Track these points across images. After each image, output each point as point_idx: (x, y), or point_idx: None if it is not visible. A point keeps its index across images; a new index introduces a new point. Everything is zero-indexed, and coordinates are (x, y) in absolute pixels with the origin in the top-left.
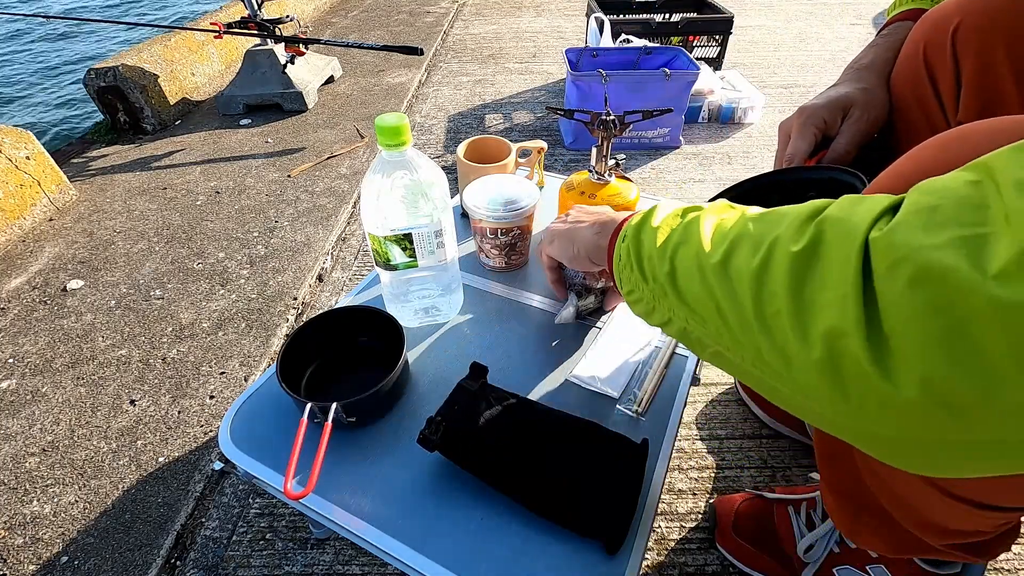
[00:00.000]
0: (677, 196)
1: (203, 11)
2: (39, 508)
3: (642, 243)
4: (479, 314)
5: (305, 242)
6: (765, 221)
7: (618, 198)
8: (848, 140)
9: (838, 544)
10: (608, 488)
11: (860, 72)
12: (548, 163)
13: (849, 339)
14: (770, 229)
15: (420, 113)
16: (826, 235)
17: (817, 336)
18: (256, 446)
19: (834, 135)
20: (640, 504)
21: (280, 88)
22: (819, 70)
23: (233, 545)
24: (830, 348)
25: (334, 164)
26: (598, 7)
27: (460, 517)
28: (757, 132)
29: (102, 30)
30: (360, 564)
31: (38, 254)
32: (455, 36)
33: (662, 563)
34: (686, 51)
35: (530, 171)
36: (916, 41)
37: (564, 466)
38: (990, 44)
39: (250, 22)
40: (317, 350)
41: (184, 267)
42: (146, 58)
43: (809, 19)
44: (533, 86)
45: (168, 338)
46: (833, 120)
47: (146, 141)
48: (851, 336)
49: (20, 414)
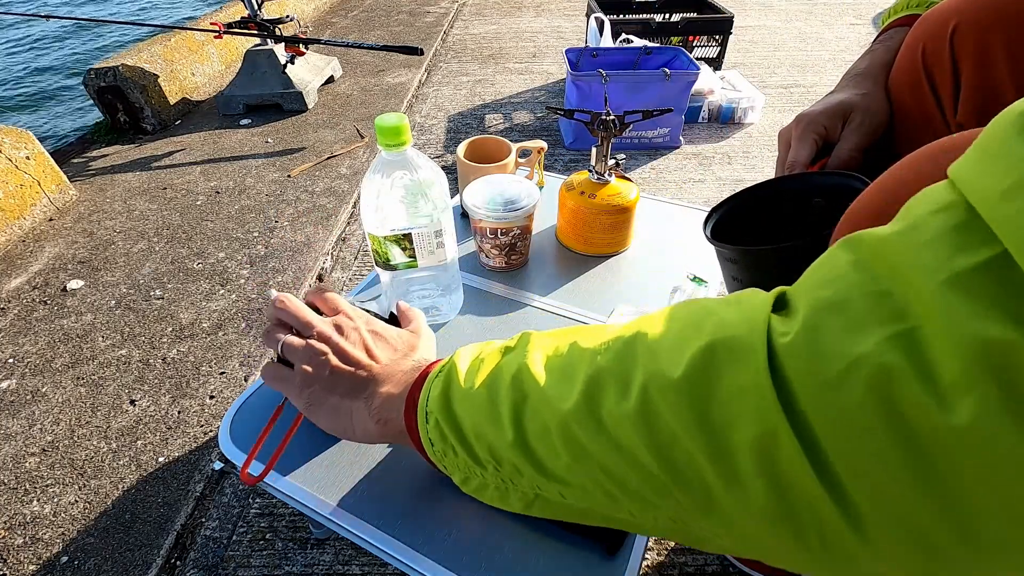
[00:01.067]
0: (677, 196)
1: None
2: (39, 508)
3: (458, 417)
4: (479, 314)
5: (305, 242)
6: (611, 349)
7: (618, 198)
8: (852, 145)
9: None
10: None
11: (858, 78)
12: (548, 163)
13: (782, 451)
14: (624, 357)
15: (420, 113)
16: (713, 349)
17: (748, 466)
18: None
19: (835, 142)
20: None
21: (280, 88)
22: (819, 70)
23: (233, 545)
24: (770, 477)
25: (334, 164)
26: (598, 7)
27: (460, 517)
28: (757, 132)
29: (102, 30)
30: (360, 564)
31: (38, 254)
32: (455, 36)
33: (662, 563)
34: (686, 51)
35: (530, 171)
36: (914, 42)
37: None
38: (988, 44)
39: (250, 22)
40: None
41: (184, 267)
42: (146, 58)
43: (809, 19)
44: (533, 86)
45: (168, 338)
46: (833, 127)
47: (146, 141)
48: (784, 448)
49: (20, 414)
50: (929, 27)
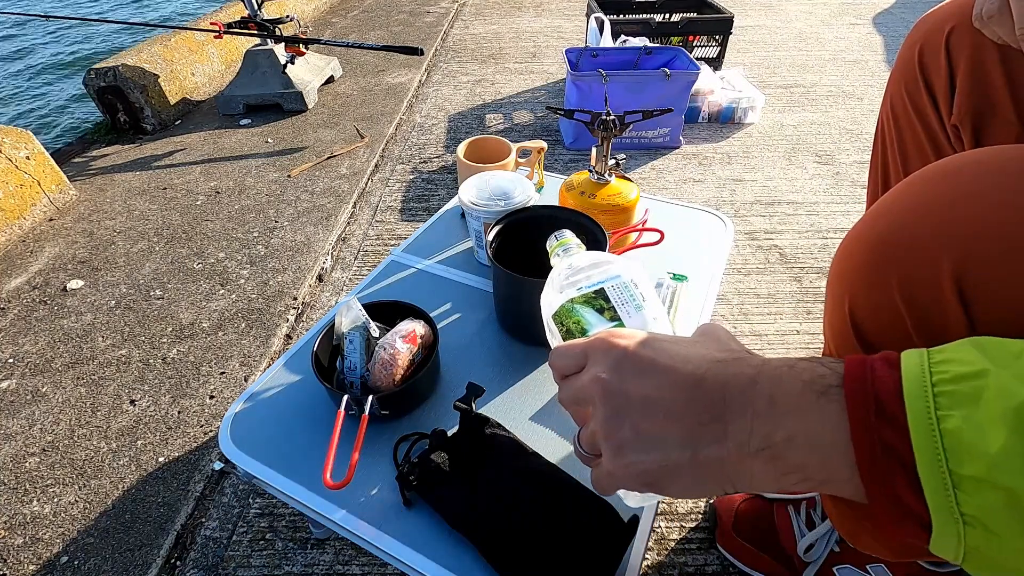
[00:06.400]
0: (677, 196)
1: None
2: (39, 508)
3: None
4: (479, 314)
5: (305, 242)
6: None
7: (618, 198)
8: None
9: (838, 543)
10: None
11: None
12: (548, 163)
13: None
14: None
15: (420, 113)
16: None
17: None
18: (256, 446)
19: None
20: (639, 508)
21: (280, 88)
22: (819, 70)
23: (233, 545)
24: None
25: (334, 164)
26: (598, 7)
27: None
28: (757, 132)
29: (102, 30)
30: (360, 564)
31: (38, 254)
32: (455, 36)
33: (662, 563)
34: (686, 51)
35: (530, 171)
36: (912, 43)
37: (535, 541)
38: (983, 47)
39: (250, 22)
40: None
41: (184, 267)
42: (146, 58)
43: (809, 19)
44: (533, 86)
45: (168, 338)
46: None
47: (146, 141)
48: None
49: (20, 414)
50: (927, 29)
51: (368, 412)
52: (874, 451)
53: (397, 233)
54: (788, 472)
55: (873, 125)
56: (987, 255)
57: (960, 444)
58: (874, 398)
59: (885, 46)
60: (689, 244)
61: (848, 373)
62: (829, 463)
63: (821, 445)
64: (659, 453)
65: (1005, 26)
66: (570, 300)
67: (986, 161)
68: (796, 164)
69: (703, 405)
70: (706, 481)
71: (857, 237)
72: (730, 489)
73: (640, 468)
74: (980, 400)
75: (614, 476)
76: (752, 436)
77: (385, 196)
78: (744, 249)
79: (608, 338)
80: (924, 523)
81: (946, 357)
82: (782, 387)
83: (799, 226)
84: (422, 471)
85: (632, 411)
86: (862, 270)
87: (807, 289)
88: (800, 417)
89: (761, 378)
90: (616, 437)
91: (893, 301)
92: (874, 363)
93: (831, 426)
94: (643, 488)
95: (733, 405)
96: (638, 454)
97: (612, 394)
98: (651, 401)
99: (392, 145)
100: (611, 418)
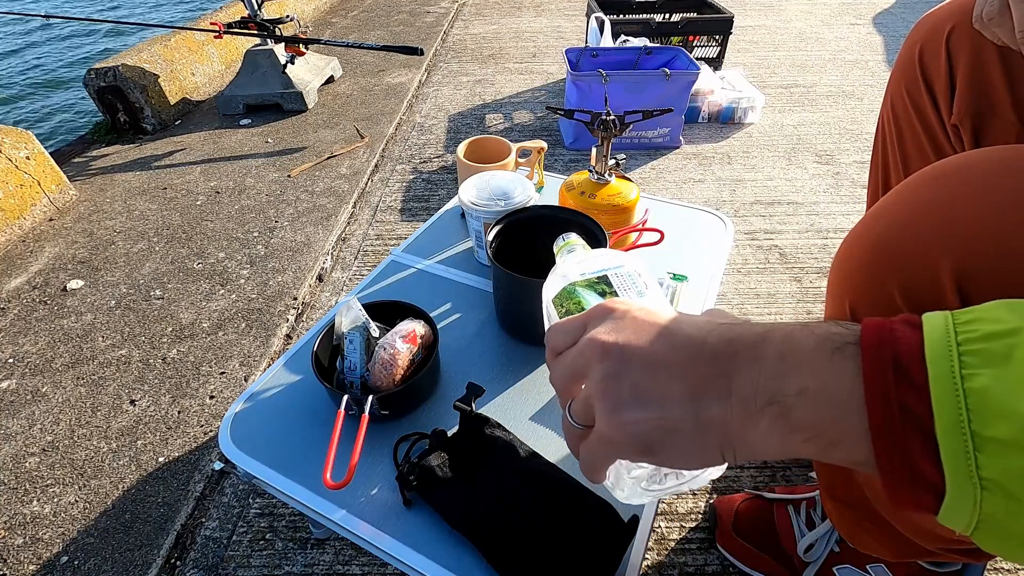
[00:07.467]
0: (677, 196)
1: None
2: (39, 508)
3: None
4: (479, 313)
5: (305, 242)
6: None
7: (618, 198)
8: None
9: (838, 543)
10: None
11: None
12: (548, 163)
13: None
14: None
15: (420, 113)
16: None
17: None
18: (256, 446)
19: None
20: (639, 507)
21: (280, 88)
22: (819, 70)
23: (233, 545)
24: None
25: (334, 164)
26: (598, 7)
27: None
28: (757, 132)
29: (102, 30)
30: (360, 564)
31: (38, 254)
32: (455, 36)
33: (662, 563)
34: (686, 51)
35: (530, 171)
36: (912, 43)
37: (535, 541)
38: (983, 47)
39: (250, 22)
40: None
41: (184, 267)
42: (146, 58)
43: (809, 19)
44: (533, 86)
45: (168, 338)
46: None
47: (146, 141)
48: None
49: (20, 414)
50: (927, 29)
51: (368, 412)
52: (889, 412)
53: (397, 233)
54: (795, 431)
55: (873, 125)
56: (988, 255)
57: (987, 404)
58: (892, 357)
59: (885, 46)
60: (689, 244)
61: (866, 332)
62: (840, 423)
63: (833, 403)
64: (659, 411)
65: (1005, 28)
66: (572, 283)
67: (986, 161)
68: (796, 164)
69: (707, 362)
70: (707, 444)
71: (858, 238)
72: (730, 455)
73: (637, 428)
74: (1012, 359)
75: (607, 440)
76: (759, 391)
77: (385, 196)
78: (744, 249)
79: (608, 304)
80: (936, 490)
81: (975, 316)
82: (794, 343)
83: (799, 226)
84: (422, 471)
85: (632, 370)
86: (863, 271)
87: (807, 289)
88: (812, 372)
89: (771, 336)
90: (613, 396)
91: (894, 301)
92: (894, 324)
93: (846, 384)
94: (639, 455)
95: (739, 360)
96: (635, 411)
97: (610, 353)
98: (652, 360)
99: (392, 145)
100: (608, 377)
